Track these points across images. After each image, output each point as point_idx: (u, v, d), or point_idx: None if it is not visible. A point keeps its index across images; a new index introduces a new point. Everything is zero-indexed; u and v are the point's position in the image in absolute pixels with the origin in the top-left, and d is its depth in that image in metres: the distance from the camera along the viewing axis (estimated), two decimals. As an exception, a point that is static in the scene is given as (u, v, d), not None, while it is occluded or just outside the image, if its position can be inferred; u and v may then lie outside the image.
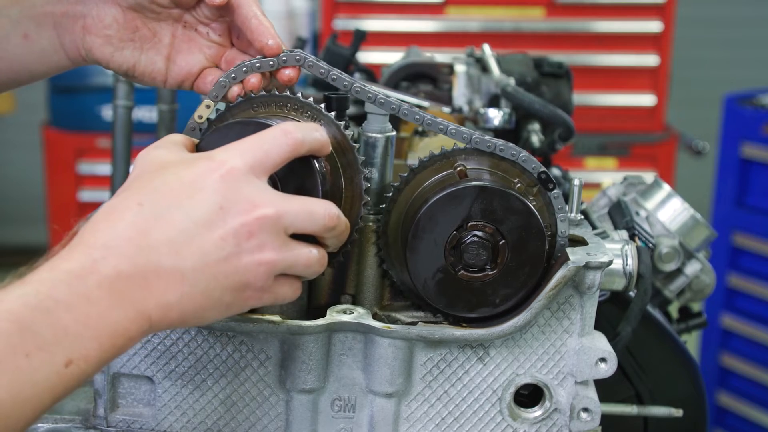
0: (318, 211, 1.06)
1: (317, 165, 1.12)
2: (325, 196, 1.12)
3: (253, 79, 1.19)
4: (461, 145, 1.22)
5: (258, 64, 1.18)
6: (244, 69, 1.18)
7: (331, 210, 1.08)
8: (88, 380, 0.93)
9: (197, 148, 1.13)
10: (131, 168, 1.09)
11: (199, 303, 1.00)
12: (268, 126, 1.09)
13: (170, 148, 1.09)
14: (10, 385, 0.86)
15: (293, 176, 1.09)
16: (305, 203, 1.06)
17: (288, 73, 1.20)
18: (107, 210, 1.00)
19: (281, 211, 1.03)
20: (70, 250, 0.96)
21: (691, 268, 1.70)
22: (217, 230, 0.99)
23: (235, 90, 1.19)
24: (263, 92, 1.18)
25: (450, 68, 2.01)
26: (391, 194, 1.21)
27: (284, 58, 1.17)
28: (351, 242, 1.18)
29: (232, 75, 1.18)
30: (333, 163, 1.17)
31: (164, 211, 0.99)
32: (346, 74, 1.20)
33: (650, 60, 4.47)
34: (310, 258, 1.07)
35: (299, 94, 1.18)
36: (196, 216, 0.99)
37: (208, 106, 1.16)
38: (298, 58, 1.18)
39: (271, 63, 1.19)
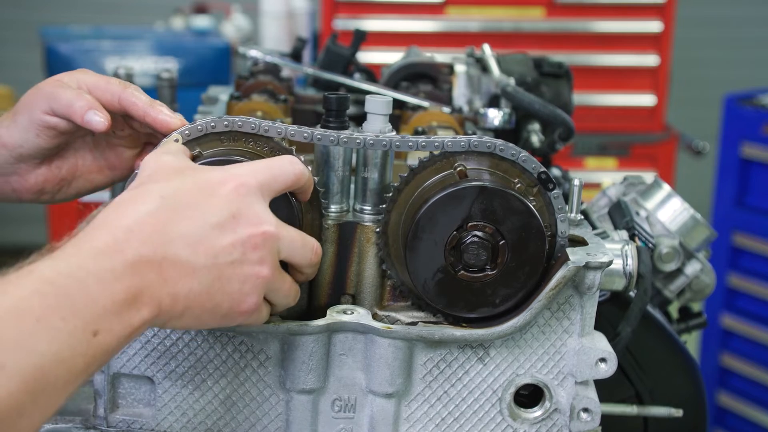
0: (310, 244, 1.13)
1: (294, 202, 1.17)
2: None
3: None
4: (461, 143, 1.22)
5: (213, 124, 1.18)
6: (199, 127, 1.19)
7: (319, 247, 1.15)
8: (106, 361, 0.94)
9: None
10: (136, 172, 1.11)
11: (201, 302, 1.03)
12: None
13: (177, 155, 1.12)
14: (51, 344, 0.86)
15: (274, 210, 1.11)
16: (300, 234, 1.12)
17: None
18: (129, 196, 1.03)
19: (282, 233, 1.09)
20: (93, 231, 0.98)
21: (691, 268, 1.70)
22: (228, 236, 1.04)
23: None
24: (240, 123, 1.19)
25: (450, 68, 2.01)
26: (391, 194, 1.21)
27: (225, 122, 1.18)
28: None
29: (213, 123, 1.18)
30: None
31: (183, 207, 1.03)
32: (281, 123, 1.21)
33: (650, 60, 4.47)
34: (292, 288, 1.14)
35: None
36: (211, 219, 1.03)
37: (176, 141, 1.18)
38: (240, 123, 1.19)
39: (226, 123, 1.18)
